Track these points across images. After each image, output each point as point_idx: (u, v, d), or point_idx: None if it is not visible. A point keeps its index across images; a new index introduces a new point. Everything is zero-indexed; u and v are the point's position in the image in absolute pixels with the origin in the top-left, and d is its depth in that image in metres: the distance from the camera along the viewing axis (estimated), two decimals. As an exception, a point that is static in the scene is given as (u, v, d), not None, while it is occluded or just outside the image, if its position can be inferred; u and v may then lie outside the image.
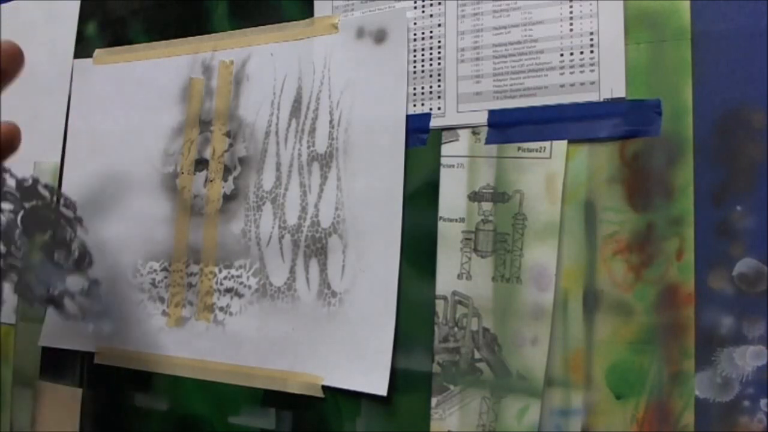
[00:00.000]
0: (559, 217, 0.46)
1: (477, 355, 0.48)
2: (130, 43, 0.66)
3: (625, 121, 0.45)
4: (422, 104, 0.52)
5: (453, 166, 0.50)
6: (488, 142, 0.49)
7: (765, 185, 0.41)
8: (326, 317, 0.53)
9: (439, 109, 0.51)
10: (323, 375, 0.52)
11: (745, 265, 0.41)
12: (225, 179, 0.59)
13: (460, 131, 0.50)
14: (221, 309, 0.58)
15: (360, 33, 0.54)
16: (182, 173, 0.62)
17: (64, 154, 0.69)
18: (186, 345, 0.59)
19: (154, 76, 0.64)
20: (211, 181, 0.60)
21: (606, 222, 0.45)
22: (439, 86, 0.51)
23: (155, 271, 0.62)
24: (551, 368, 0.45)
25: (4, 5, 0.76)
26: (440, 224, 0.50)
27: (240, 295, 0.57)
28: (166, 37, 0.64)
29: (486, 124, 0.49)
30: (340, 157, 0.54)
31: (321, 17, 0.56)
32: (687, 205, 0.43)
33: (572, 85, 0.47)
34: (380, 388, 0.49)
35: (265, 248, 0.56)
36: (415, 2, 0.52)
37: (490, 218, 0.48)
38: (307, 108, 0.56)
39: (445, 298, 0.49)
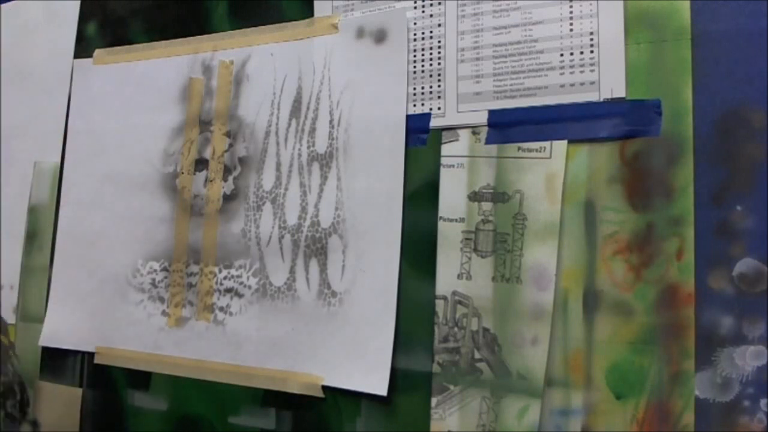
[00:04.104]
0: (559, 217, 0.46)
1: (477, 355, 0.48)
2: (130, 43, 0.66)
3: (625, 121, 0.45)
4: (422, 104, 0.52)
5: (453, 166, 0.50)
6: (488, 142, 0.49)
7: (765, 185, 0.41)
8: (326, 317, 0.53)
9: (439, 109, 0.51)
10: (323, 375, 0.52)
11: (745, 265, 0.41)
12: (225, 179, 0.59)
13: (460, 131, 0.50)
14: (221, 309, 0.58)
15: (360, 33, 0.54)
16: (182, 173, 0.62)
17: (64, 154, 0.69)
18: (186, 345, 0.59)
19: (154, 76, 0.64)
20: (211, 181, 0.60)
21: (606, 222, 0.45)
22: (439, 86, 0.51)
23: (155, 271, 0.62)
24: (551, 368, 0.45)
25: (4, 5, 0.76)
26: (440, 224, 0.50)
27: (240, 295, 0.57)
28: (166, 37, 0.64)
29: (486, 124, 0.49)
30: (340, 157, 0.54)
31: (321, 17, 0.56)
32: (687, 205, 0.43)
33: (572, 85, 0.47)
34: (380, 388, 0.49)
35: (265, 248, 0.56)
36: (415, 2, 0.52)
37: (490, 218, 0.48)
38: (307, 108, 0.56)
39: (445, 298, 0.49)
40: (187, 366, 0.59)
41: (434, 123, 0.51)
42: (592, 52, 0.46)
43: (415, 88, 0.52)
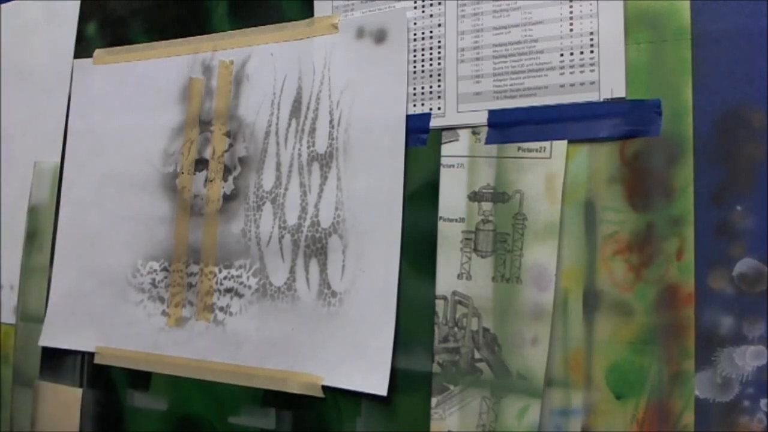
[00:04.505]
0: (559, 217, 0.46)
1: (477, 355, 0.48)
2: (130, 43, 0.66)
3: (625, 121, 0.45)
4: (422, 104, 0.52)
5: (453, 166, 0.50)
6: (488, 142, 0.49)
7: (765, 185, 0.41)
8: (326, 317, 0.53)
9: (439, 109, 0.51)
10: (323, 375, 0.52)
11: (745, 265, 0.41)
12: (225, 179, 0.59)
13: (460, 131, 0.50)
14: (221, 309, 0.58)
15: (360, 33, 0.54)
16: (182, 173, 0.62)
17: (64, 154, 0.69)
18: (186, 345, 0.59)
19: (154, 76, 0.64)
20: (211, 181, 0.60)
21: (606, 222, 0.45)
22: (439, 86, 0.51)
23: (155, 271, 0.62)
24: (551, 368, 0.45)
25: (4, 5, 0.76)
26: (440, 224, 0.50)
27: (240, 295, 0.57)
28: (166, 37, 0.64)
29: (486, 124, 0.49)
30: (340, 157, 0.54)
31: (321, 17, 0.56)
32: (687, 205, 0.43)
33: (572, 85, 0.47)
34: (380, 388, 0.49)
35: (265, 248, 0.56)
36: (415, 2, 0.52)
37: (490, 218, 0.48)
38: (307, 108, 0.56)
39: (445, 298, 0.49)
40: (187, 366, 0.59)
41: (434, 123, 0.51)
42: (592, 52, 0.46)
43: (415, 88, 0.52)
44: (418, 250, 0.50)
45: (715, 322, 0.42)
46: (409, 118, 0.51)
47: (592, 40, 0.46)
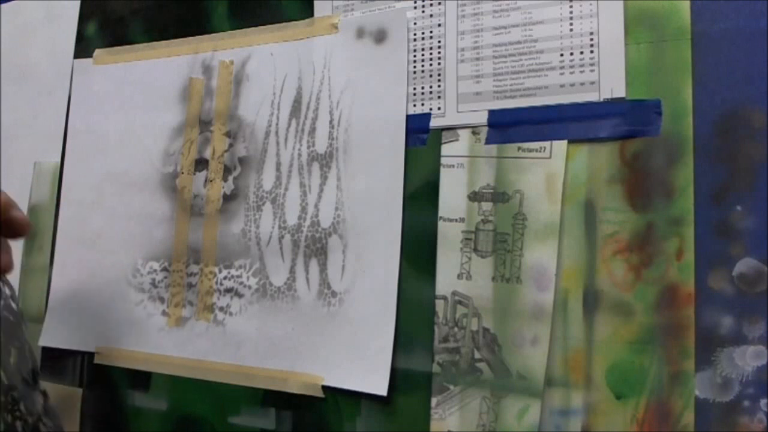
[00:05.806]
0: (559, 217, 0.46)
1: (477, 355, 0.48)
2: (130, 43, 0.66)
3: (625, 121, 0.45)
4: (422, 104, 0.52)
5: (453, 166, 0.50)
6: (488, 142, 0.49)
7: (765, 185, 0.41)
8: (326, 317, 0.53)
9: (439, 109, 0.51)
10: (323, 375, 0.52)
11: (745, 265, 0.41)
12: (225, 179, 0.59)
13: (460, 131, 0.50)
14: (221, 309, 0.58)
15: (360, 33, 0.54)
16: (182, 173, 0.62)
17: (64, 154, 0.69)
18: (186, 345, 0.59)
19: (154, 76, 0.64)
20: (211, 181, 0.60)
21: (606, 222, 0.45)
22: (439, 86, 0.51)
23: (155, 271, 0.62)
24: (551, 368, 0.45)
25: (4, 5, 0.76)
26: (440, 224, 0.50)
27: (240, 295, 0.57)
28: (166, 37, 0.64)
29: (486, 124, 0.49)
30: (340, 157, 0.54)
31: (321, 17, 0.56)
32: (687, 205, 0.43)
33: (572, 85, 0.47)
34: (380, 388, 0.49)
35: (265, 248, 0.56)
36: (415, 2, 0.52)
37: (490, 218, 0.48)
38: (307, 108, 0.56)
39: (445, 298, 0.49)
40: (187, 366, 0.59)
41: (434, 123, 0.51)
42: (592, 52, 0.46)
43: (415, 88, 0.52)
44: (418, 250, 0.50)
45: (715, 322, 0.42)
46: (409, 118, 0.51)
47: (592, 40, 0.46)
